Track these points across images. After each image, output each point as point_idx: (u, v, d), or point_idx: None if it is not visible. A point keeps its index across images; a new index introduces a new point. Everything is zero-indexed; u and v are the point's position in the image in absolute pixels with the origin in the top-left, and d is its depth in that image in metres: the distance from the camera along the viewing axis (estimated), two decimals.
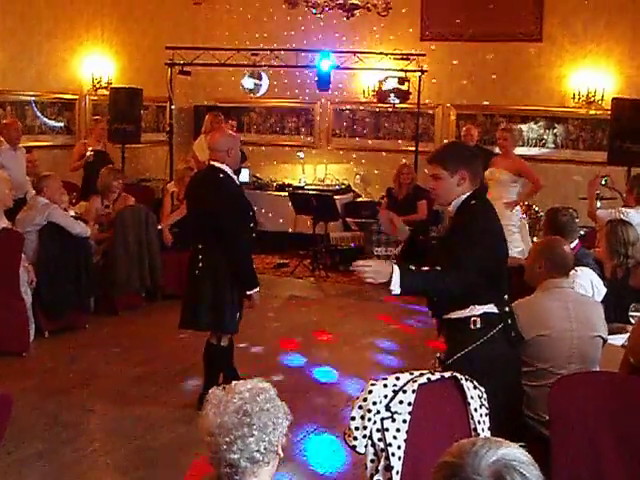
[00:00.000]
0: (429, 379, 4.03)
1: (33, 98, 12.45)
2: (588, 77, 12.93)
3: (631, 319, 5.91)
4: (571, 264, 5.55)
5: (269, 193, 14.12)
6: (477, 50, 13.53)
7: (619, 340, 5.68)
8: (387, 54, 13.14)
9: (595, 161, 12.49)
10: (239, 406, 2.75)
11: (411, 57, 12.96)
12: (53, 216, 8.99)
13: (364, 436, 3.86)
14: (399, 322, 10.04)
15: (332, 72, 12.80)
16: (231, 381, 2.90)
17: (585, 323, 5.25)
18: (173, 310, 10.18)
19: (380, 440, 3.86)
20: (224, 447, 2.72)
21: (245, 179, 13.99)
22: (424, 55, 12.94)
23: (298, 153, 14.83)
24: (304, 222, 13.15)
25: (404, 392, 3.91)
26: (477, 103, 13.67)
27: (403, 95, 13.03)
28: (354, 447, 3.90)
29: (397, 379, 3.97)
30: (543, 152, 13.19)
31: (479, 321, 4.64)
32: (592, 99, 12.87)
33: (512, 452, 1.93)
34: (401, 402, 3.90)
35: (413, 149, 13.25)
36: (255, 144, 14.60)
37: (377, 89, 13.47)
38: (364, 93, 14.36)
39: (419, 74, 12.87)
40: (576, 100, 13.00)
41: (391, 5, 11.23)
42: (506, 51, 13.35)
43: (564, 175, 12.35)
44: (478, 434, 4.03)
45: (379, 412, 3.87)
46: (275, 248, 13.82)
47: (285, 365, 8.46)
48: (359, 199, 14.27)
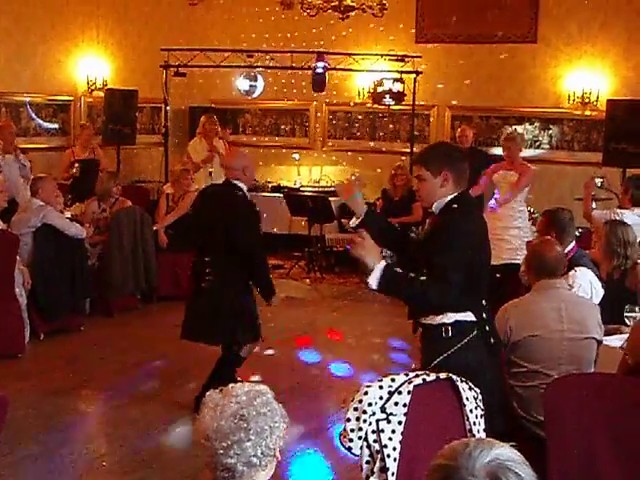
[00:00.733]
0: (424, 380, 4.03)
1: (28, 100, 12.44)
2: (583, 78, 12.93)
3: (626, 320, 5.92)
4: (562, 265, 5.56)
5: (264, 195, 14.08)
6: (472, 51, 13.54)
7: (615, 341, 5.68)
8: (382, 55, 13.14)
9: (590, 162, 12.49)
10: (236, 410, 2.74)
11: (406, 59, 12.95)
12: (48, 218, 8.98)
13: (359, 437, 3.86)
14: (396, 322, 10.02)
15: (327, 73, 12.80)
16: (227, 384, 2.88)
17: (577, 324, 5.25)
18: (168, 312, 10.25)
19: (375, 441, 3.86)
20: (220, 452, 2.70)
21: None
22: (419, 57, 12.94)
23: (293, 155, 14.82)
24: (299, 224, 13.14)
25: (399, 393, 3.91)
26: (472, 104, 13.67)
27: (398, 96, 13.03)
28: (349, 448, 3.90)
29: (392, 380, 3.96)
30: (538, 153, 13.18)
31: (450, 329, 4.56)
32: (587, 100, 12.87)
33: (505, 452, 1.93)
34: (396, 403, 3.90)
35: (408, 150, 13.24)
36: (250, 146, 14.57)
37: (372, 90, 13.47)
38: (359, 94, 14.35)
39: (414, 75, 12.86)
40: (571, 101, 13.00)
41: (386, 7, 11.22)
42: (501, 52, 13.34)
43: (559, 176, 12.37)
44: (473, 435, 4.03)
45: (374, 413, 3.87)
46: (270, 250, 13.78)
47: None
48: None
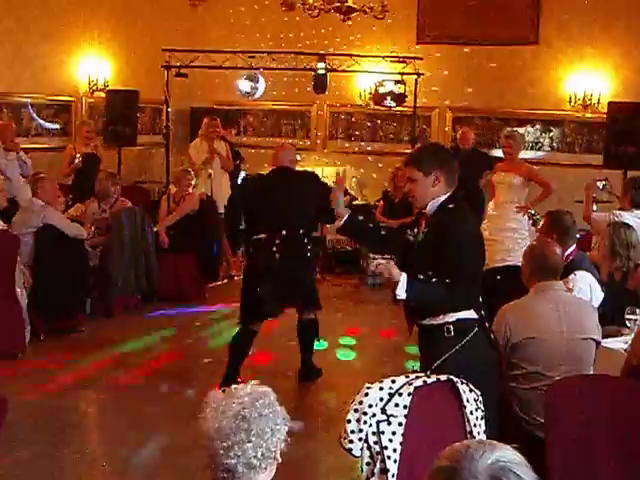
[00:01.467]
0: (425, 382, 4.03)
1: (29, 100, 12.44)
2: (584, 80, 12.93)
3: (627, 322, 5.92)
4: (561, 267, 5.57)
5: None
6: (473, 53, 13.54)
7: (617, 344, 5.68)
8: (384, 57, 13.13)
9: (591, 164, 12.49)
10: (237, 411, 2.74)
11: (408, 60, 12.94)
12: (49, 218, 8.99)
13: (360, 439, 3.86)
14: (399, 323, 10.01)
15: (328, 75, 12.80)
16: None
17: (576, 325, 5.25)
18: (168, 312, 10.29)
19: (376, 443, 3.86)
20: (221, 452, 2.71)
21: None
22: (421, 58, 12.93)
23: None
24: None
25: (400, 395, 3.91)
26: (473, 106, 13.67)
27: (399, 98, 13.03)
28: (350, 450, 3.90)
29: (393, 382, 3.97)
30: (539, 155, 13.19)
31: (453, 328, 4.64)
32: (588, 102, 12.88)
33: (507, 454, 1.93)
34: (397, 405, 3.90)
35: (409, 152, 13.21)
36: (251, 147, 14.57)
37: (373, 92, 13.46)
38: (361, 96, 14.35)
39: (415, 77, 12.86)
40: (572, 103, 13.01)
41: (388, 8, 11.23)
42: (502, 54, 13.35)
43: (560, 178, 12.32)
44: (474, 437, 4.03)
45: (375, 415, 3.87)
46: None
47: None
48: (355, 202, 14.25)
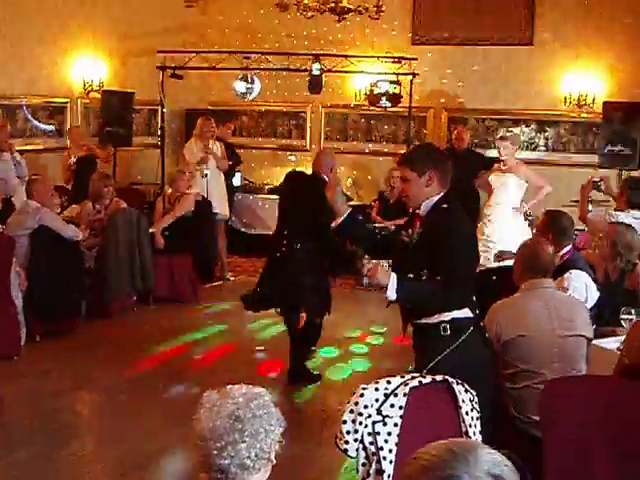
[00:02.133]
0: (420, 382, 4.04)
1: (24, 101, 12.43)
2: (579, 80, 12.94)
3: (622, 322, 5.93)
4: (552, 266, 5.59)
5: (261, 196, 14.10)
6: (468, 54, 13.55)
7: (611, 344, 5.69)
8: (379, 57, 13.14)
9: (586, 164, 12.51)
10: (232, 411, 2.73)
11: (403, 61, 12.95)
12: (44, 220, 8.97)
13: (355, 440, 3.87)
14: (394, 322, 10.01)
15: (323, 75, 12.80)
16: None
17: (566, 322, 5.27)
18: (165, 313, 10.29)
19: (371, 444, 3.87)
20: (215, 452, 2.70)
21: (237, 182, 13.98)
22: (416, 59, 12.93)
23: (290, 156, 14.82)
24: None
25: (395, 395, 3.92)
26: (468, 107, 13.69)
27: (394, 98, 13.02)
28: (345, 451, 3.90)
29: (388, 382, 3.97)
30: (534, 155, 13.21)
31: (449, 327, 4.66)
32: (583, 102, 12.89)
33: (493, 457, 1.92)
34: (392, 405, 3.90)
35: (403, 152, 13.22)
36: (247, 147, 14.58)
37: (369, 92, 13.46)
38: (356, 96, 14.35)
39: (410, 77, 12.86)
40: (567, 103, 13.02)
41: (383, 8, 11.23)
42: (497, 55, 13.36)
43: (555, 178, 12.33)
44: (469, 437, 4.04)
45: (370, 416, 3.88)
46: (266, 251, 13.80)
47: None
48: (351, 203, 14.25)
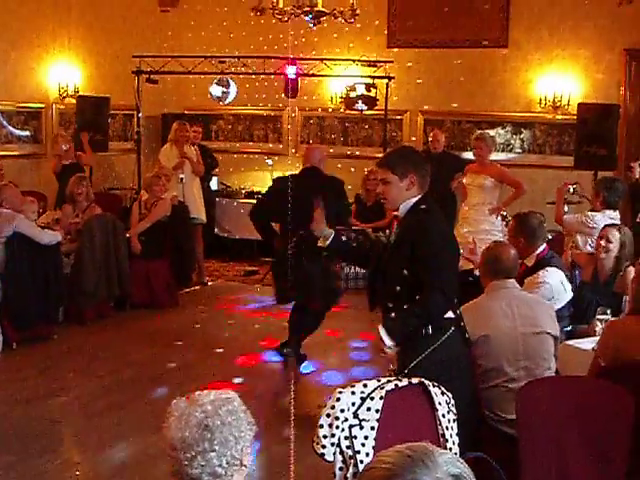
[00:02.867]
0: (397, 385, 4.04)
1: None
2: (554, 82, 12.99)
3: (597, 322, 5.98)
4: (515, 267, 5.67)
5: (238, 201, 14.09)
6: (444, 56, 13.57)
7: (587, 344, 5.73)
8: (354, 61, 13.16)
9: (562, 166, 12.56)
10: (200, 420, 2.71)
11: (378, 64, 12.97)
12: (20, 227, 8.91)
13: (332, 444, 3.87)
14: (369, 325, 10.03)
15: (299, 79, 12.81)
16: None
17: (529, 319, 5.35)
18: (141, 319, 10.26)
19: (348, 447, 3.87)
20: (185, 463, 2.68)
21: (214, 187, 13.97)
22: (391, 62, 12.96)
23: (267, 160, 14.81)
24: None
25: (372, 399, 3.92)
26: (444, 109, 13.72)
27: (371, 102, 13.04)
28: (322, 455, 3.90)
29: (365, 386, 3.98)
30: (510, 157, 13.24)
31: (430, 327, 4.69)
32: (558, 104, 12.94)
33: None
34: (369, 409, 3.91)
35: (381, 155, 13.23)
36: (223, 152, 14.56)
37: (345, 96, 13.48)
38: (332, 100, 14.36)
39: (386, 81, 12.88)
40: (542, 105, 13.07)
41: (358, 12, 11.23)
42: (472, 57, 13.39)
43: (531, 180, 12.39)
44: (446, 439, 4.05)
45: (347, 419, 3.88)
46: (244, 255, 13.84)
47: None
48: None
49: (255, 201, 11.00)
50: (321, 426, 3.88)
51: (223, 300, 11.44)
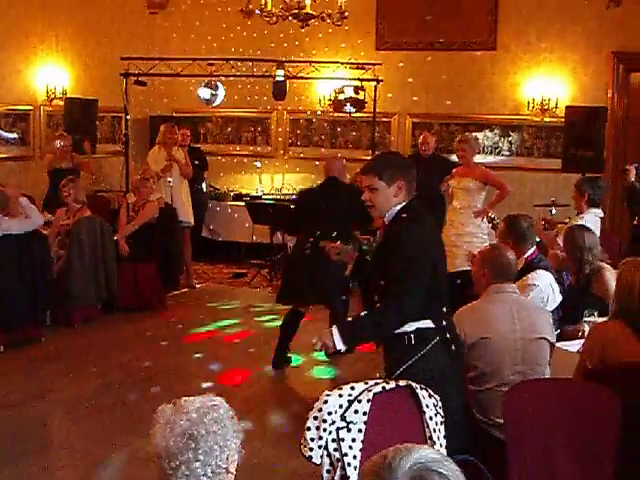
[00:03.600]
0: (384, 388, 4.04)
1: None
2: (542, 85, 13.02)
3: (585, 325, 5.98)
4: (515, 271, 5.62)
5: (226, 203, 14.09)
6: (432, 59, 13.59)
7: (575, 346, 5.73)
8: (343, 63, 13.16)
9: (550, 168, 12.59)
10: (185, 429, 2.66)
11: (367, 66, 12.97)
12: (11, 229, 8.89)
13: (320, 447, 3.86)
14: None
15: (288, 82, 12.81)
16: None
17: (529, 325, 5.31)
18: (129, 322, 10.23)
19: (336, 450, 3.86)
20: (170, 472, 2.64)
21: (204, 189, 13.95)
22: (380, 64, 12.97)
23: (255, 162, 14.79)
24: (262, 232, 13.11)
25: (359, 402, 3.92)
26: (432, 112, 13.73)
27: (359, 104, 13.05)
28: (310, 458, 3.89)
29: (352, 389, 3.97)
30: (498, 160, 13.25)
31: (413, 337, 4.62)
32: (546, 107, 12.96)
33: (426, 454, 1.91)
34: (356, 412, 3.90)
35: (369, 158, 13.22)
36: (212, 154, 14.52)
37: (333, 98, 13.48)
38: (320, 102, 14.36)
39: (375, 83, 12.89)
40: (530, 108, 13.10)
41: (346, 15, 11.24)
42: (461, 60, 13.42)
43: (519, 182, 12.42)
44: (434, 442, 4.05)
45: (334, 422, 3.87)
46: (233, 258, 13.83)
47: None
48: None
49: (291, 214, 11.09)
50: (308, 429, 3.88)
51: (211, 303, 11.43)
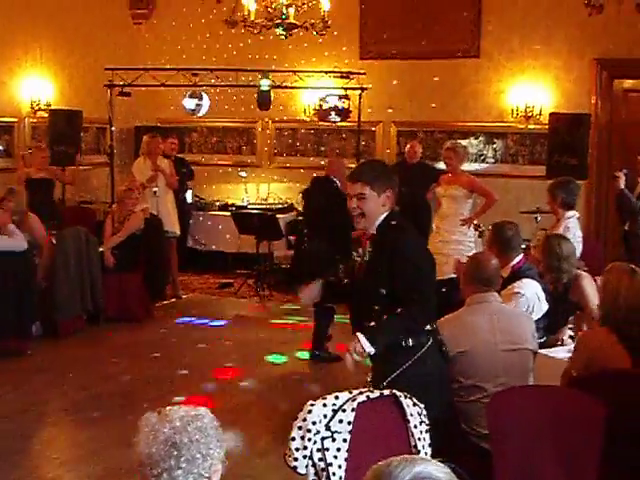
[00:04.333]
0: (368, 397, 4.04)
1: None
2: (526, 92, 13.07)
3: (570, 331, 6.00)
4: (497, 279, 5.61)
5: (212, 213, 14.08)
6: (416, 67, 13.62)
7: (560, 353, 5.74)
8: (327, 72, 13.17)
9: (535, 175, 12.61)
10: (168, 437, 2.66)
11: (351, 75, 12.99)
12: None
13: (304, 456, 3.86)
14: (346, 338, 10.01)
15: (272, 91, 12.83)
16: None
17: (510, 335, 5.30)
18: (115, 333, 10.21)
19: (321, 460, 3.86)
20: (152, 479, 2.65)
21: (188, 199, 13.94)
22: (364, 73, 12.99)
23: (240, 172, 14.77)
24: (248, 242, 13.09)
25: (343, 411, 3.92)
26: (417, 120, 13.76)
27: (344, 113, 13.09)
28: (295, 468, 3.89)
29: (336, 398, 3.97)
30: (483, 167, 13.29)
31: (411, 339, 4.67)
32: (530, 114, 13.01)
33: (427, 469, 1.92)
34: (341, 421, 3.90)
35: (354, 166, 13.22)
36: (197, 164, 14.51)
37: (318, 108, 13.51)
38: (305, 112, 14.38)
39: (359, 92, 12.91)
40: (514, 115, 13.14)
41: (329, 24, 11.25)
42: (444, 68, 13.44)
43: (504, 190, 12.45)
44: (418, 451, 4.05)
45: (319, 432, 3.87)
46: (219, 268, 13.81)
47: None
48: (301, 218, 14.24)
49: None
50: (293, 439, 3.87)
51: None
